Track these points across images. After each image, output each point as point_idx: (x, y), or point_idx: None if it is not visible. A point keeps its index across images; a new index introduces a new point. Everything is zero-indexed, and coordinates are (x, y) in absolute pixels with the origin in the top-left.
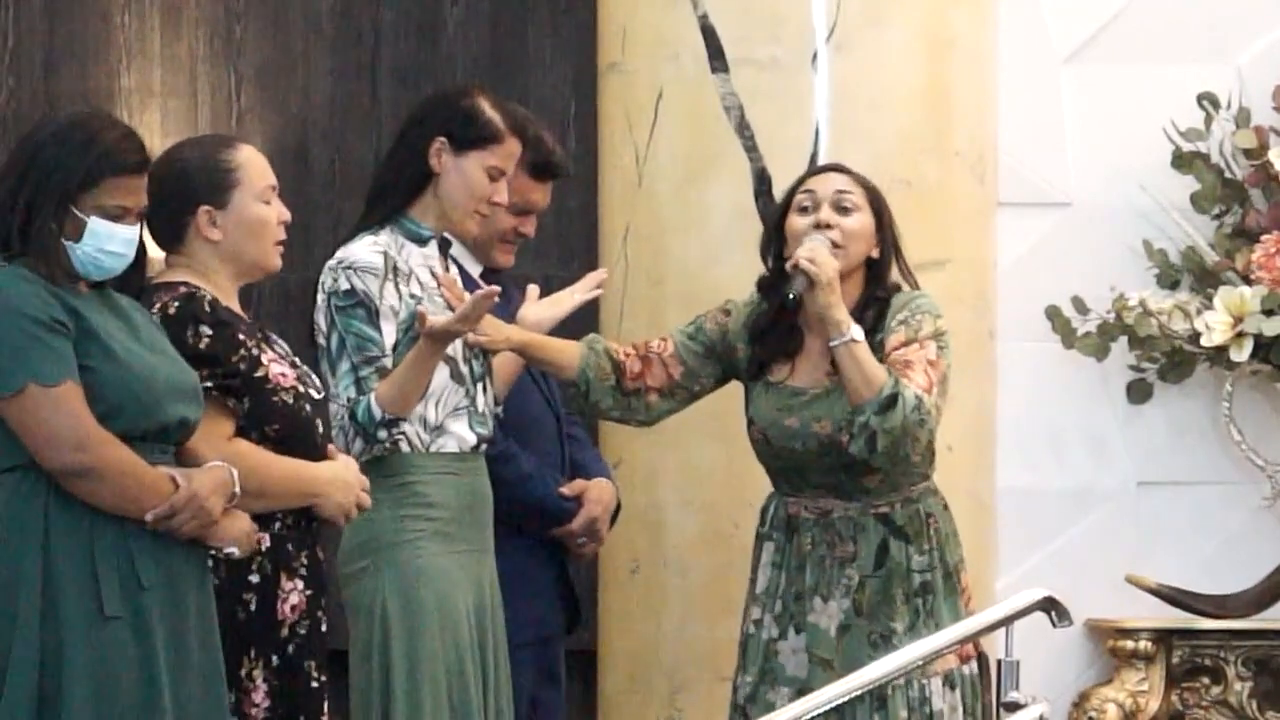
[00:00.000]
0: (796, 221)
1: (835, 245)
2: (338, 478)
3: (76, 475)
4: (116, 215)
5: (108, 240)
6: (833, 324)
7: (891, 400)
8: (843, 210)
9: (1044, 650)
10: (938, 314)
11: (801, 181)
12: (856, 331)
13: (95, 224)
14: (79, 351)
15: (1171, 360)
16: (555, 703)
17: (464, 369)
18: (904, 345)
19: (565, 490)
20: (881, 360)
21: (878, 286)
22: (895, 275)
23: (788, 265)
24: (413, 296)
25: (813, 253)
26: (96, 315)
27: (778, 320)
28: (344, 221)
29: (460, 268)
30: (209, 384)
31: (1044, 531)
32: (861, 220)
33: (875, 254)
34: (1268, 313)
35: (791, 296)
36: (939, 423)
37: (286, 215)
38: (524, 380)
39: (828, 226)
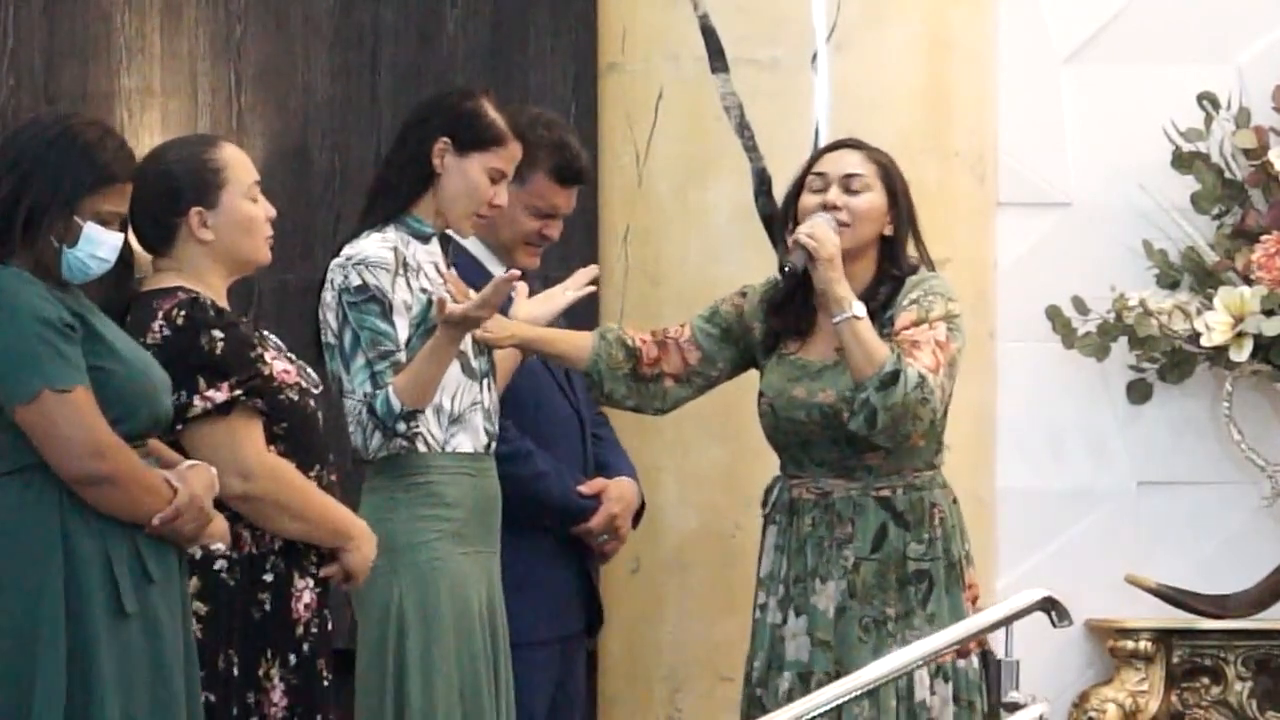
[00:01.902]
0: (807, 201)
1: (843, 225)
2: (366, 530)
3: (91, 483)
4: (107, 221)
5: (99, 246)
6: (834, 300)
7: (893, 377)
8: (851, 191)
9: (1044, 650)
10: (951, 296)
11: (816, 159)
12: (858, 308)
13: (90, 229)
14: (89, 353)
15: (1171, 360)
16: (572, 705)
17: (474, 364)
18: (914, 325)
19: (584, 489)
20: (891, 339)
21: (892, 265)
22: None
23: (789, 240)
24: (423, 291)
25: (814, 228)
26: (93, 315)
27: (793, 296)
28: (344, 221)
29: (484, 270)
30: (237, 392)
31: (1044, 531)
32: (871, 200)
33: (889, 232)
34: (1268, 313)
35: (787, 269)
36: (946, 404)
37: (272, 211)
38: (546, 380)
39: (835, 208)
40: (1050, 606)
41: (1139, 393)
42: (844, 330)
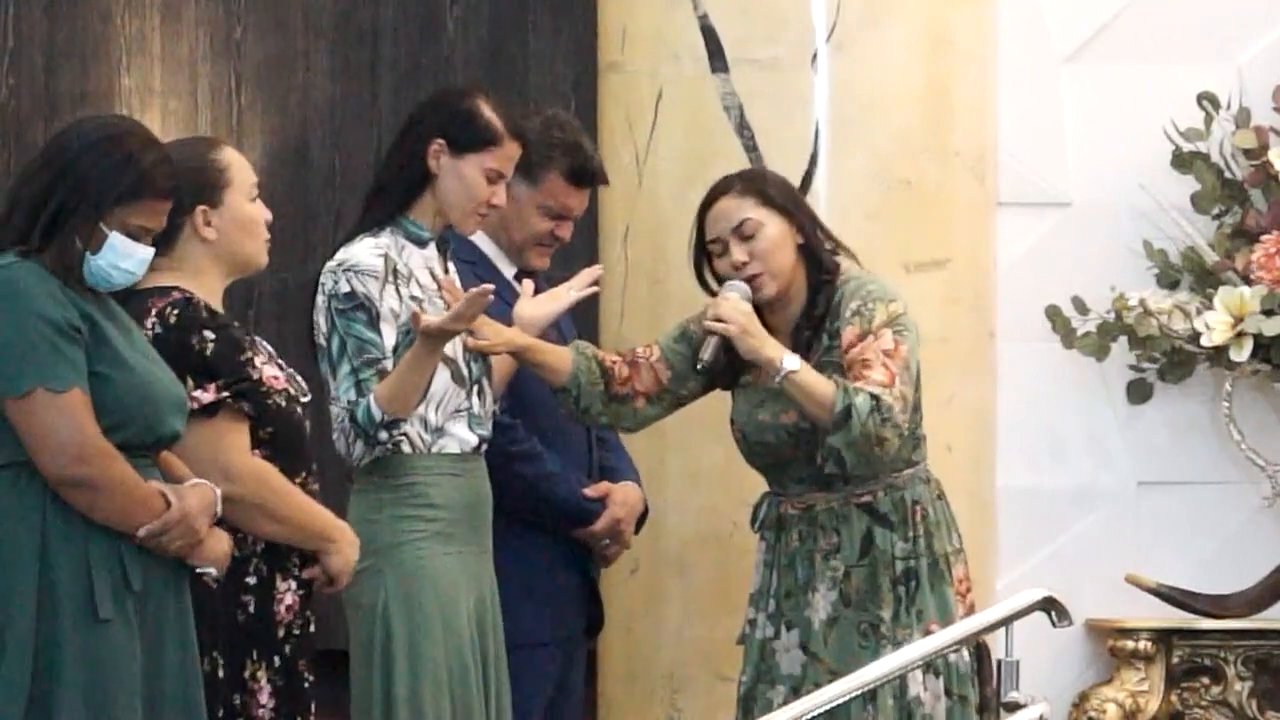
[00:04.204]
0: (720, 265)
1: (757, 276)
2: (349, 534)
3: (74, 486)
4: (136, 235)
5: (124, 258)
6: (765, 364)
7: (845, 415)
8: (747, 238)
9: (1044, 650)
10: (891, 298)
11: (701, 222)
12: (789, 362)
13: (115, 239)
14: (92, 359)
15: (1171, 360)
16: (570, 706)
17: (465, 371)
18: (859, 340)
19: (589, 492)
20: (841, 357)
21: (818, 269)
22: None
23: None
24: (413, 298)
25: (718, 309)
26: (106, 322)
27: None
28: (344, 221)
29: (495, 269)
30: (224, 394)
31: (1044, 531)
32: (769, 233)
33: (801, 239)
34: (1268, 313)
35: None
36: (908, 410)
37: (268, 214)
38: None
39: (744, 264)
40: (1050, 606)
41: (1139, 393)
42: (787, 389)
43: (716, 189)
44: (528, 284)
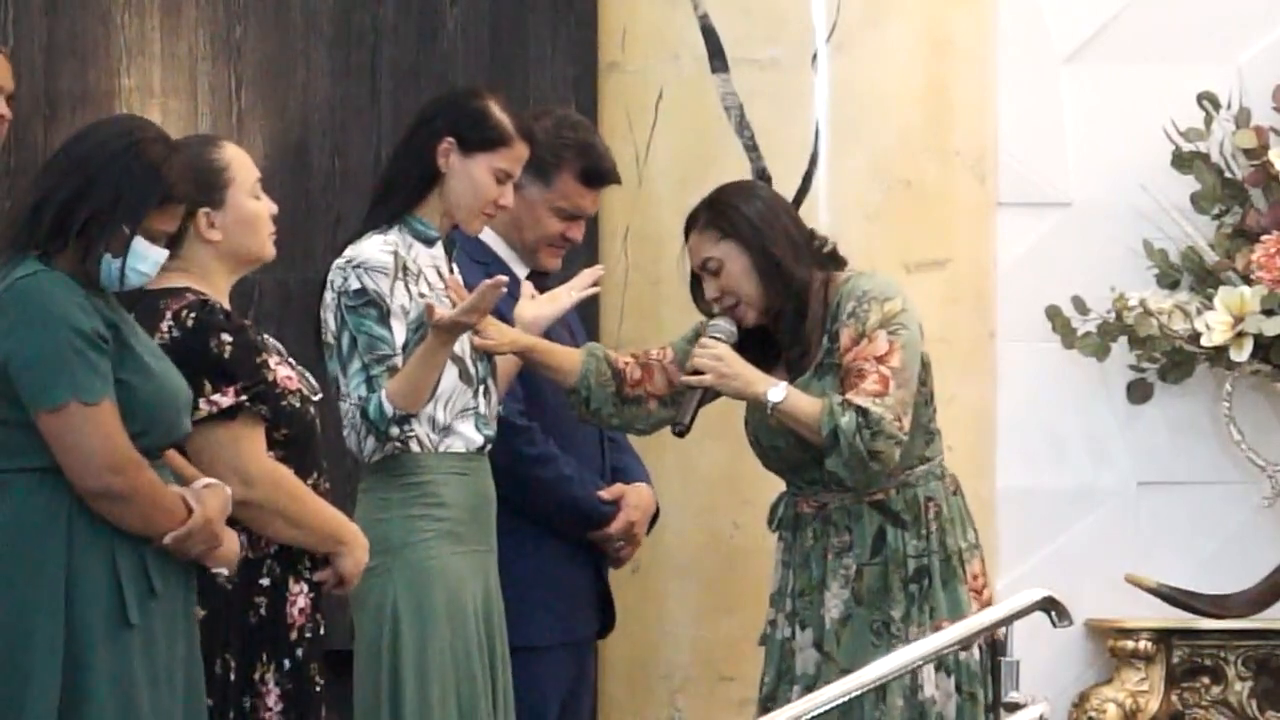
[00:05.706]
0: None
1: (733, 306)
2: (360, 536)
3: (105, 497)
4: (156, 238)
5: (142, 260)
6: (753, 401)
7: (833, 438)
8: (713, 273)
9: (1044, 650)
10: (887, 296)
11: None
12: (773, 394)
13: (138, 244)
14: (117, 365)
15: (1171, 360)
16: (581, 708)
17: (471, 370)
18: (854, 345)
19: (604, 494)
20: (841, 358)
21: (788, 281)
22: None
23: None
24: (422, 296)
25: (694, 361)
26: (125, 327)
27: (752, 335)
28: (344, 221)
29: (507, 269)
30: (242, 397)
31: (1044, 531)
32: (732, 265)
33: (764, 265)
34: (1268, 313)
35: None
36: (906, 414)
37: (274, 208)
38: None
39: (718, 298)
40: (1050, 606)
41: (1139, 393)
42: (779, 420)
43: (688, 221)
44: (527, 285)
